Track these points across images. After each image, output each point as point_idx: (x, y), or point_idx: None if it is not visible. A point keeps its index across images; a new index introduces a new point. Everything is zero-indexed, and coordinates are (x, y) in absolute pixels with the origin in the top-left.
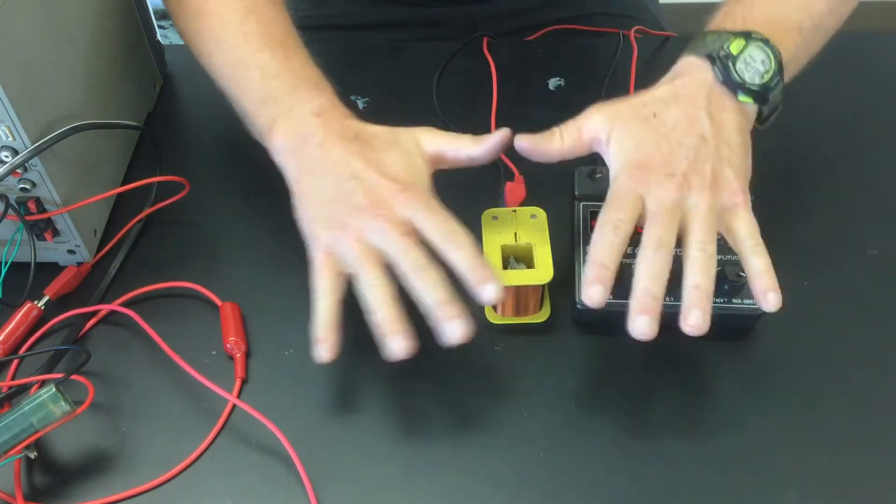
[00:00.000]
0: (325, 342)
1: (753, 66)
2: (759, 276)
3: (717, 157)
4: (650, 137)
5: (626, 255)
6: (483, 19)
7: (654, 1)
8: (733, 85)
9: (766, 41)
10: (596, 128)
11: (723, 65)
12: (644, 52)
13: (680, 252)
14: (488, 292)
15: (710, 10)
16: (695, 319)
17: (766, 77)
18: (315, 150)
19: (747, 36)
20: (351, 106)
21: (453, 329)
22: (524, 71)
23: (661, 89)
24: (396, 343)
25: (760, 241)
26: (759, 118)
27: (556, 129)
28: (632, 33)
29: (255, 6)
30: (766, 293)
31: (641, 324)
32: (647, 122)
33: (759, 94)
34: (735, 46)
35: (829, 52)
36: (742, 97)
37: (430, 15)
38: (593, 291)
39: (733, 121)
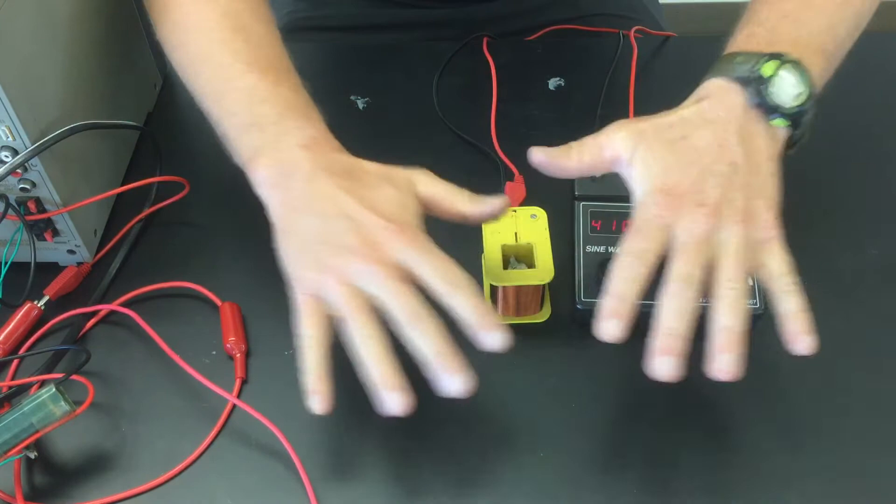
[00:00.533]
0: (317, 394)
1: (786, 88)
2: (794, 317)
3: (749, 187)
4: (678, 162)
5: None
6: (483, 21)
7: (653, 1)
8: (767, 108)
9: (797, 63)
10: (618, 147)
11: (756, 88)
12: (644, 52)
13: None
14: (493, 340)
15: (709, 10)
16: (726, 365)
17: (801, 100)
18: (301, 186)
19: (779, 58)
20: (351, 106)
21: (454, 384)
22: (524, 71)
23: (687, 111)
24: (394, 400)
25: (795, 279)
26: (789, 143)
27: (574, 145)
28: (632, 33)
29: (243, 24)
30: (801, 336)
31: (665, 365)
32: (675, 145)
33: (794, 118)
34: (767, 69)
35: None
36: (776, 121)
37: (430, 16)
38: (609, 327)
39: (765, 147)
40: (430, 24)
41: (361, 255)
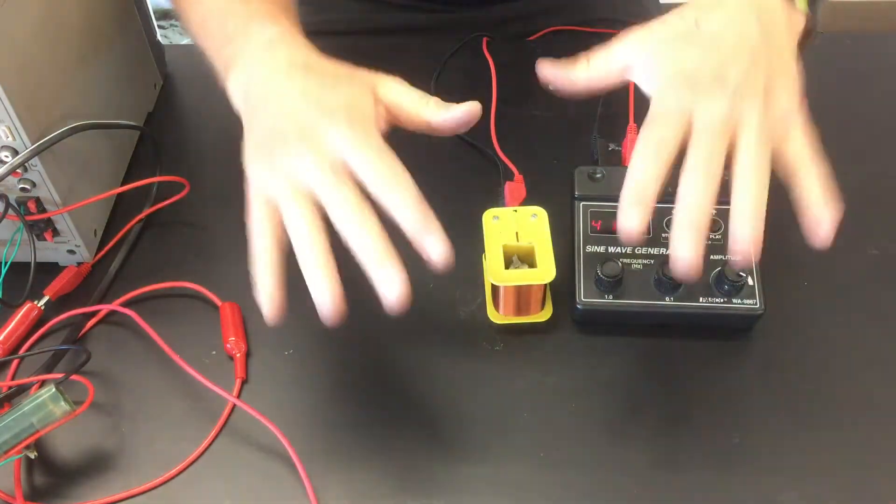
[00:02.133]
0: (270, 300)
1: None
2: (815, 202)
3: (771, 68)
4: (694, 50)
5: (627, 256)
6: (487, 25)
7: (657, 6)
8: None
9: None
10: (629, 51)
11: None
12: None
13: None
14: (433, 246)
15: None
16: (749, 237)
17: None
18: (260, 85)
19: None
20: None
21: (390, 290)
22: (524, 71)
23: (696, 3)
24: (326, 309)
25: (818, 159)
26: (806, 29)
27: (582, 56)
28: None
29: None
30: (821, 225)
31: (684, 262)
32: (689, 35)
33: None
34: None
35: (828, 52)
36: (799, 2)
37: (433, 20)
38: (632, 216)
39: (784, 27)
40: (432, 27)
41: (298, 147)
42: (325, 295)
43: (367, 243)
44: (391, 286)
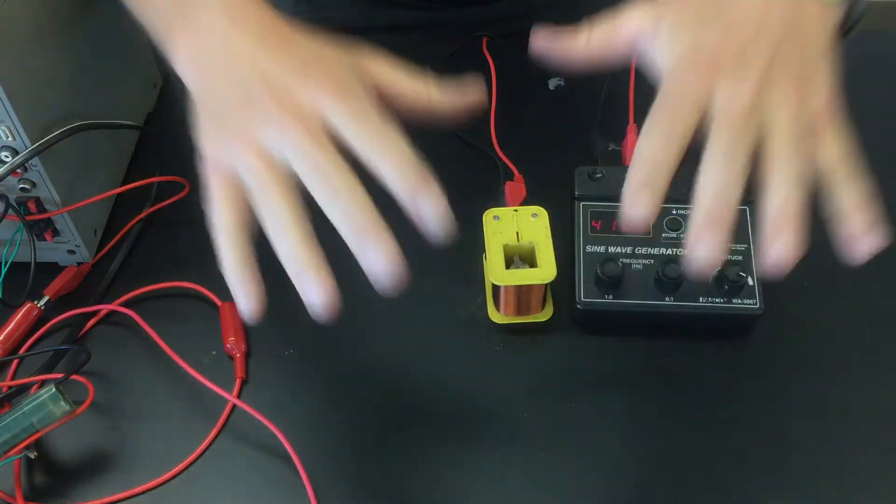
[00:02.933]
0: (247, 295)
1: None
2: (852, 214)
3: (802, 58)
4: (715, 29)
5: (627, 256)
6: (487, 22)
7: None
8: None
9: None
10: (638, 21)
11: None
12: None
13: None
14: (429, 209)
15: None
16: (784, 247)
17: None
18: (218, 48)
19: None
20: None
21: (378, 270)
22: (524, 71)
23: None
24: (314, 291)
25: (855, 166)
26: (845, 21)
27: (584, 26)
28: None
29: None
30: (859, 239)
31: (704, 252)
32: (709, 11)
33: None
34: None
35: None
36: None
37: (433, 18)
38: (639, 202)
39: (818, 17)
40: (432, 26)
41: (269, 110)
42: (313, 287)
43: (354, 214)
44: (381, 261)
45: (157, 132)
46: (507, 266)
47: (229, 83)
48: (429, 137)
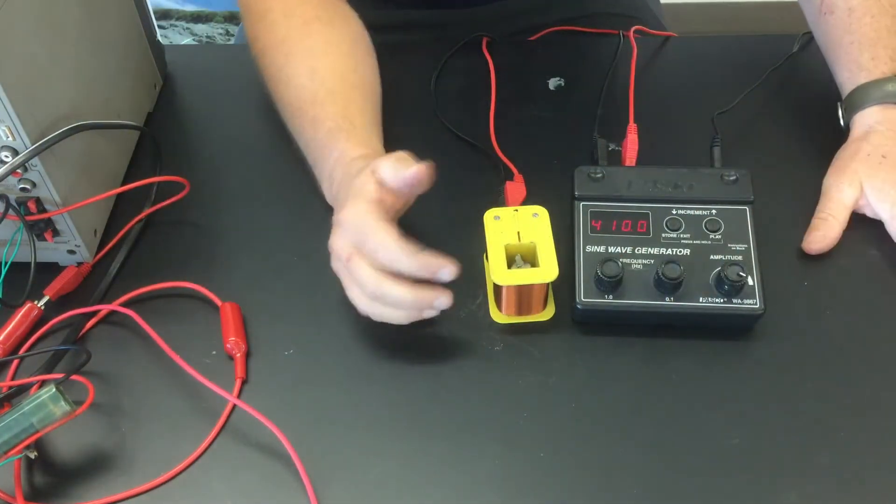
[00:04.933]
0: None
1: None
2: None
3: None
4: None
5: (628, 255)
6: (489, 21)
7: (655, 1)
8: None
9: None
10: (851, 195)
11: None
12: (644, 52)
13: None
14: (447, 274)
15: (710, 10)
16: None
17: None
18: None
19: None
20: None
21: (444, 276)
22: (524, 71)
23: (867, 142)
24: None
25: None
26: None
27: (823, 216)
28: (631, 34)
29: (331, 86)
30: None
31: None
32: (882, 166)
33: None
34: None
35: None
36: None
37: (433, 18)
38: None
39: None
40: (432, 25)
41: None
42: (451, 272)
43: (407, 297)
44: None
45: (157, 132)
46: (509, 266)
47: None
48: (429, 138)
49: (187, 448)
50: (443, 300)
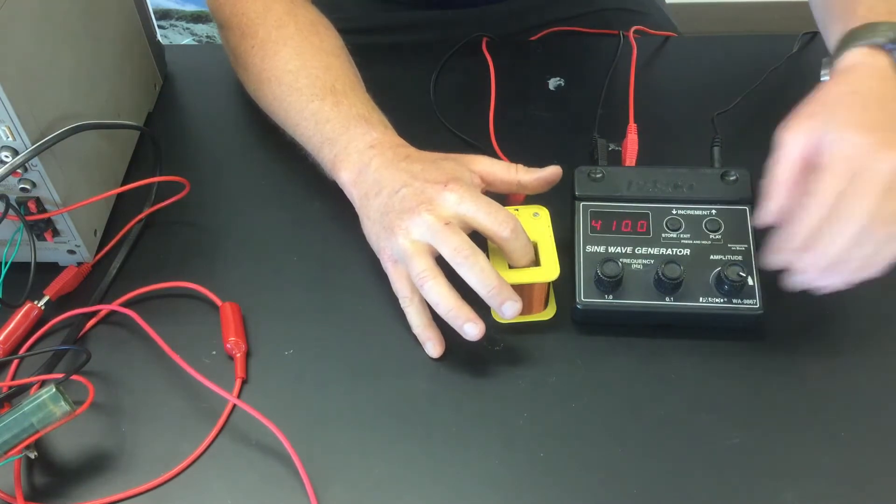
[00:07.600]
0: (429, 340)
1: None
2: None
3: None
4: (858, 111)
5: (628, 255)
6: (494, 20)
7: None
8: None
9: None
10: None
11: None
12: (644, 51)
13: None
14: (470, 328)
15: (715, 8)
16: None
17: None
18: (372, 176)
19: None
20: None
21: (508, 310)
22: (524, 71)
23: (839, 83)
24: (469, 329)
25: None
26: None
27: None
28: (631, 33)
29: (304, 63)
30: None
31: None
32: (845, 98)
33: None
34: None
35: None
36: None
37: (434, 18)
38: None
39: None
40: (432, 25)
41: (416, 212)
42: (471, 327)
43: (485, 280)
44: (507, 310)
45: (157, 132)
46: (510, 265)
47: (383, 199)
48: (430, 138)
49: (187, 448)
50: (472, 327)
